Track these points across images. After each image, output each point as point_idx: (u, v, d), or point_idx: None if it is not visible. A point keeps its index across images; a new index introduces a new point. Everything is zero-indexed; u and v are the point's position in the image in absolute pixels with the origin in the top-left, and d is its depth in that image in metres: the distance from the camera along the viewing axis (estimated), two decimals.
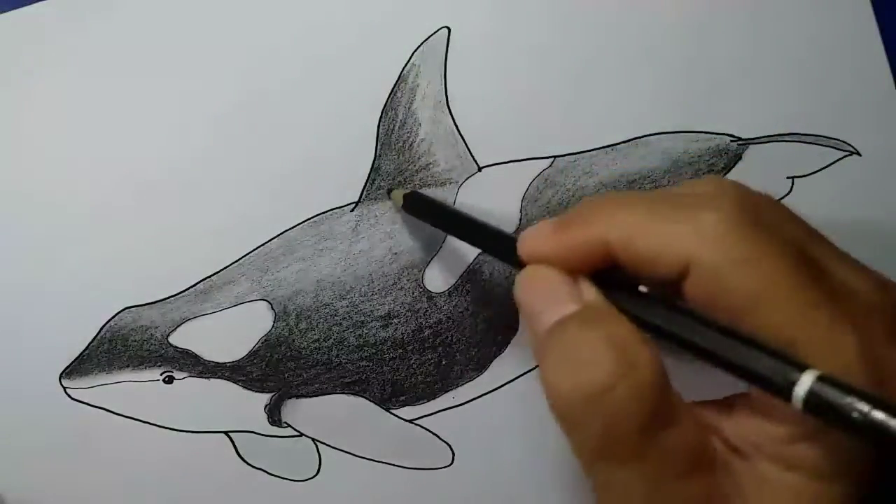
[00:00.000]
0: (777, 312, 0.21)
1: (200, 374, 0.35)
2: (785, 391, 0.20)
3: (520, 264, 0.25)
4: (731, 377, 0.21)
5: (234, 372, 0.35)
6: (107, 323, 0.34)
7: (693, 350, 0.22)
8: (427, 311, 0.36)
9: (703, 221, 0.22)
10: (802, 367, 0.20)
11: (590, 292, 0.24)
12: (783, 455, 0.22)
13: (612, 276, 0.24)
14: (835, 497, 0.22)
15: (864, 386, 0.19)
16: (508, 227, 0.36)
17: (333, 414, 0.36)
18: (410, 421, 0.36)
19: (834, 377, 0.19)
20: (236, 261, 0.35)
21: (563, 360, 0.22)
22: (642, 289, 0.23)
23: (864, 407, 0.19)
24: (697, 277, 0.22)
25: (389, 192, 0.35)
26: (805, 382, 0.19)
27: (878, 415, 0.18)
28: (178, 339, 0.35)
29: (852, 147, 0.37)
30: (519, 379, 0.37)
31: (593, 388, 0.21)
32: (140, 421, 0.35)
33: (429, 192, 0.35)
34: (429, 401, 0.36)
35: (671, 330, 0.22)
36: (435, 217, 0.33)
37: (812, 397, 0.19)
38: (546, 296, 0.24)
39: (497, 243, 0.28)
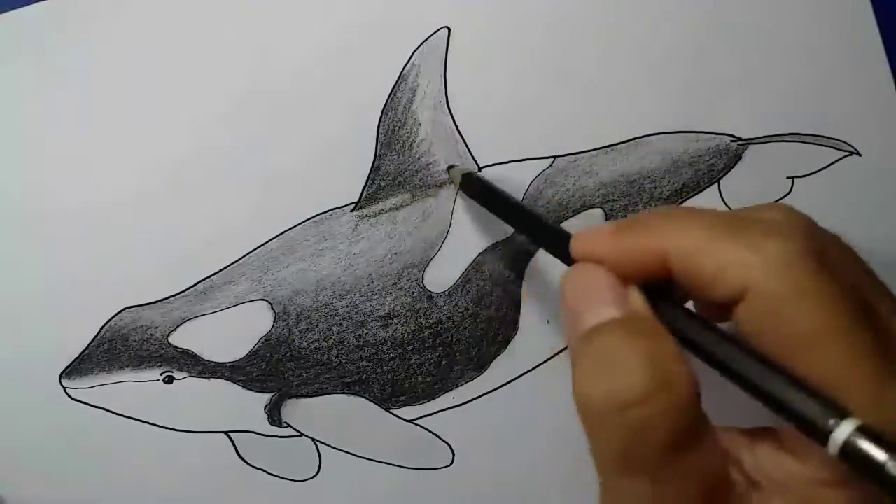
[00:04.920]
0: (828, 353, 0.20)
1: (200, 374, 0.35)
2: (822, 435, 0.19)
3: (571, 262, 0.25)
4: (766, 411, 0.21)
5: (234, 372, 0.35)
6: (107, 323, 0.34)
7: (734, 379, 0.21)
8: (427, 311, 0.36)
9: (768, 248, 0.21)
10: (844, 414, 0.19)
11: (637, 301, 0.23)
12: (807, 498, 0.22)
13: (662, 289, 0.23)
14: None
15: None
16: (508, 227, 0.36)
17: (333, 414, 0.36)
18: (410, 421, 0.36)
19: (875, 429, 0.19)
20: (236, 261, 0.35)
21: (599, 365, 0.22)
22: (691, 307, 0.23)
23: None
24: (753, 304, 0.21)
25: (449, 168, 0.34)
26: (845, 430, 0.19)
27: None
28: (178, 339, 0.35)
29: (852, 147, 0.37)
30: (519, 379, 0.37)
31: (626, 397, 0.21)
32: (140, 421, 0.35)
33: (428, 191, 0.35)
34: (429, 401, 0.36)
35: (716, 354, 0.22)
36: (490, 202, 0.33)
37: (849, 446, 0.19)
38: (591, 296, 0.23)
39: (550, 237, 0.28)
